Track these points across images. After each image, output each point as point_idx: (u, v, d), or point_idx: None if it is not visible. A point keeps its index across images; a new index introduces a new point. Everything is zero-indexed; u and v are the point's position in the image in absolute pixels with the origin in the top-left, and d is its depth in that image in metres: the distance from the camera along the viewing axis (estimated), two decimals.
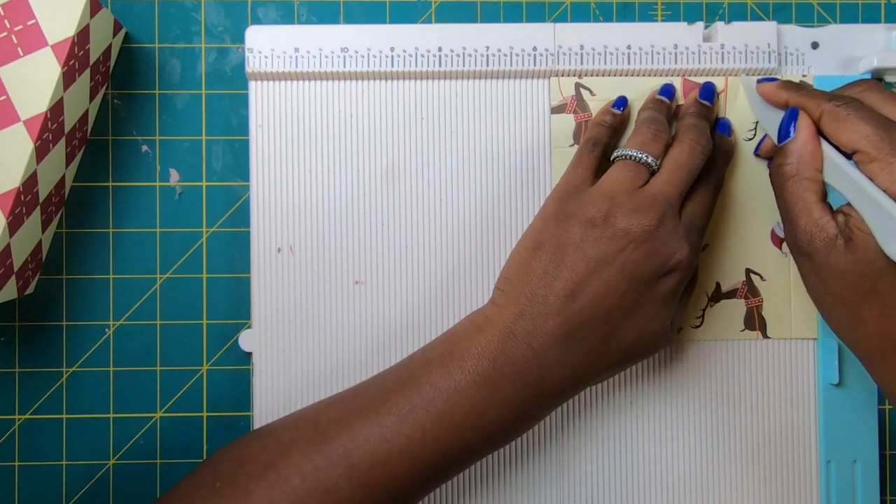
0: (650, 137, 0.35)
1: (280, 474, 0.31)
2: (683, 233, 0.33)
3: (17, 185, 0.34)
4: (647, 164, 0.34)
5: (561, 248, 0.33)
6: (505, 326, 0.32)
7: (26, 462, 0.40)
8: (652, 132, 0.35)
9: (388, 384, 0.33)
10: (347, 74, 0.39)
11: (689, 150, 0.35)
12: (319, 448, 0.32)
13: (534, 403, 0.33)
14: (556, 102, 0.40)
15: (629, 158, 0.35)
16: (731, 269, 0.40)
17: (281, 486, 0.31)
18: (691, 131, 0.35)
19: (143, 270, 0.41)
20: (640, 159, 0.34)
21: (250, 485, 0.31)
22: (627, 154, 0.35)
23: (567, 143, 0.40)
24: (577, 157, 0.36)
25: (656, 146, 0.35)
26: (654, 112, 0.37)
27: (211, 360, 0.41)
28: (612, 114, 0.38)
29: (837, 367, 0.39)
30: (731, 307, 0.40)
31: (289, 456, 0.32)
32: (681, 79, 0.39)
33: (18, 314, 0.41)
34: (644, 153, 0.34)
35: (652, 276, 0.33)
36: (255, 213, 0.39)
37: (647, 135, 0.35)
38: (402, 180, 0.40)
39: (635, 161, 0.34)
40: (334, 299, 0.39)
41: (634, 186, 0.34)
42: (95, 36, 0.37)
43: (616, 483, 0.39)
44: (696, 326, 0.40)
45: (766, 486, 0.40)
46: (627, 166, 0.34)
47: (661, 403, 0.40)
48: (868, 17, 0.42)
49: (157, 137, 0.41)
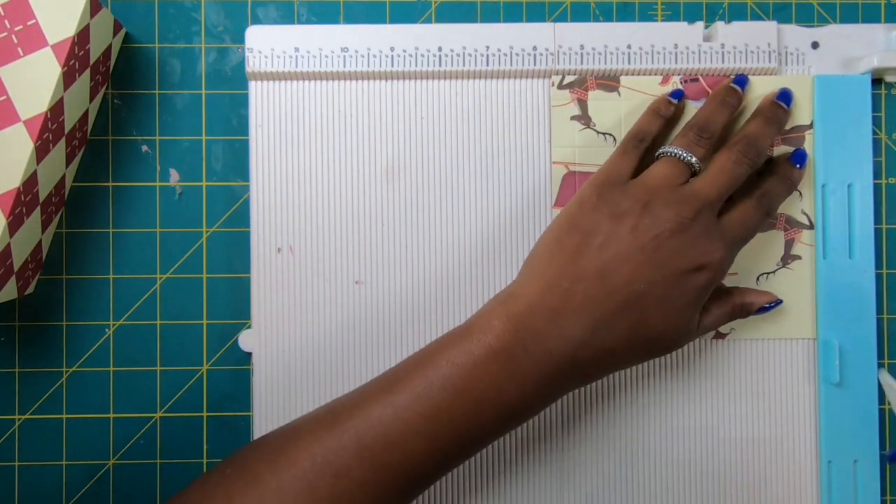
0: (695, 140, 0.36)
1: (290, 457, 0.31)
2: (719, 234, 0.34)
3: (17, 185, 0.34)
4: (690, 163, 0.35)
5: (595, 231, 0.33)
6: (530, 299, 0.32)
7: (26, 462, 0.40)
8: (698, 136, 0.36)
9: (403, 367, 0.33)
10: (347, 74, 0.39)
11: (736, 158, 0.35)
12: (331, 430, 0.31)
13: (553, 381, 0.32)
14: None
15: (673, 156, 0.35)
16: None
17: (290, 469, 0.31)
18: (745, 140, 0.36)
19: (143, 270, 0.41)
20: (684, 158, 0.35)
21: (259, 468, 0.31)
22: (672, 152, 0.36)
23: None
24: (623, 148, 0.37)
25: (701, 150, 0.36)
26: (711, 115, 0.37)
27: (211, 360, 0.41)
28: (668, 103, 0.38)
29: (837, 367, 0.39)
30: None
31: (300, 439, 0.32)
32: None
33: (18, 314, 0.41)
34: (689, 154, 0.35)
35: (683, 270, 0.33)
36: (255, 213, 0.39)
37: (694, 137, 0.36)
38: (401, 180, 0.40)
39: (679, 159, 0.35)
40: (334, 299, 0.39)
41: (676, 183, 0.34)
42: (95, 36, 0.37)
43: (616, 483, 0.39)
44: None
45: (766, 486, 0.40)
46: (671, 163, 0.35)
47: (661, 403, 0.40)
48: (868, 17, 0.42)
49: (157, 137, 0.41)
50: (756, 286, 0.40)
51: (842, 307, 0.39)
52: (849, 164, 0.40)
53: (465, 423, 0.31)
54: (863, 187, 0.40)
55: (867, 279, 0.39)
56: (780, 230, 0.40)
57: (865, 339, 0.39)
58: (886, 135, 0.42)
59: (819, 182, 0.40)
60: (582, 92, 0.40)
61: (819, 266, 0.40)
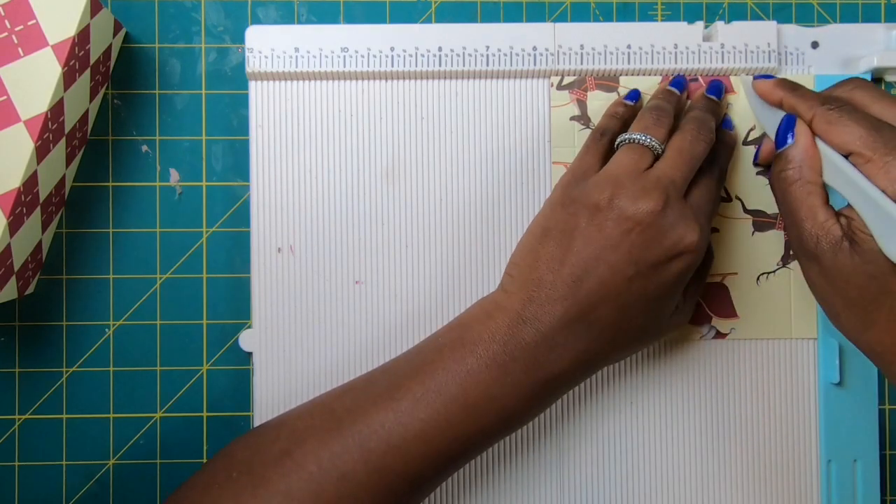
0: (652, 122, 0.35)
1: (296, 461, 0.31)
2: (691, 215, 0.33)
3: (17, 186, 0.34)
4: (650, 146, 0.34)
5: (567, 234, 0.33)
6: (514, 312, 0.33)
7: (26, 462, 0.40)
8: (654, 117, 0.36)
9: (401, 370, 0.33)
10: (347, 74, 0.39)
11: (692, 138, 0.35)
12: (335, 434, 0.32)
13: (546, 387, 0.33)
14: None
15: (633, 142, 0.35)
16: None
17: (298, 472, 0.31)
18: (694, 121, 0.36)
19: (143, 270, 0.41)
20: (644, 142, 0.35)
21: (267, 472, 0.31)
22: (631, 138, 0.35)
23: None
24: (585, 146, 0.37)
25: (659, 130, 0.35)
26: (659, 101, 0.37)
27: (211, 360, 0.41)
28: (624, 105, 0.38)
29: (838, 367, 0.39)
30: None
31: (304, 443, 0.32)
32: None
33: (18, 314, 0.41)
34: (647, 136, 0.35)
35: (660, 260, 0.32)
36: (255, 213, 0.39)
37: (649, 119, 0.36)
38: (401, 180, 0.40)
39: (639, 144, 0.35)
40: (334, 299, 0.39)
41: (639, 169, 0.34)
42: (96, 36, 0.37)
43: (616, 483, 0.39)
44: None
45: (767, 486, 0.40)
46: (631, 149, 0.35)
47: (661, 403, 0.40)
48: (868, 17, 0.42)
49: (157, 137, 0.41)
50: (756, 286, 0.40)
51: None
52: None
53: (464, 429, 0.32)
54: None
55: None
56: (780, 230, 0.40)
57: None
58: None
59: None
60: (581, 92, 0.40)
61: None
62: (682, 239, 0.32)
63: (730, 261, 0.40)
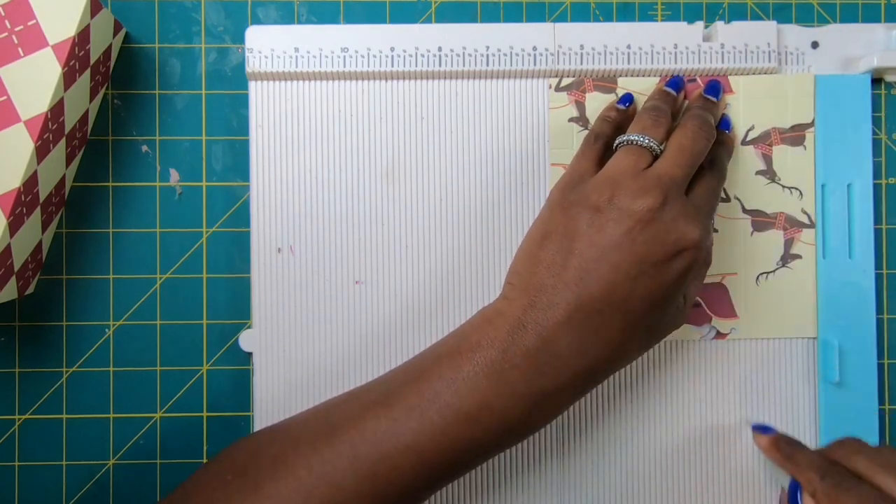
0: (650, 123, 0.35)
1: (288, 467, 0.31)
2: (692, 212, 0.32)
3: (17, 186, 0.34)
4: (649, 147, 0.34)
5: (568, 237, 0.32)
6: (515, 318, 0.32)
7: (26, 462, 0.40)
8: (652, 118, 0.35)
9: (399, 378, 0.33)
10: (347, 74, 0.39)
11: (692, 135, 0.35)
12: (328, 440, 0.31)
13: (547, 396, 0.31)
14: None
15: (631, 143, 0.35)
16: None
17: (289, 478, 0.31)
18: (694, 118, 0.36)
19: (143, 270, 0.41)
20: (642, 143, 0.34)
21: (259, 477, 0.31)
22: (629, 139, 0.35)
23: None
24: (580, 150, 0.36)
25: (657, 130, 0.35)
26: (656, 102, 0.37)
27: (211, 360, 0.41)
28: (616, 110, 0.38)
29: (837, 367, 0.39)
30: None
31: (298, 449, 0.32)
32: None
33: (18, 314, 0.41)
34: (645, 137, 0.34)
35: (662, 258, 0.32)
36: (255, 213, 0.39)
37: (647, 120, 0.35)
38: (401, 180, 0.40)
39: (637, 145, 0.34)
40: (334, 299, 0.39)
41: (638, 169, 0.33)
42: (96, 36, 0.37)
43: (616, 483, 0.39)
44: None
45: (767, 486, 0.40)
46: (630, 151, 0.34)
47: (661, 403, 0.40)
48: (868, 17, 0.42)
49: (157, 137, 0.41)
50: (756, 286, 0.40)
51: (842, 307, 0.39)
52: (849, 164, 0.40)
53: (458, 440, 0.31)
54: (863, 187, 0.40)
55: (867, 279, 0.39)
56: (780, 230, 0.40)
57: (865, 339, 0.39)
58: (886, 135, 0.42)
59: (819, 182, 0.40)
60: (579, 94, 0.40)
61: (819, 266, 0.40)
62: (683, 235, 0.32)
63: (729, 261, 0.40)
